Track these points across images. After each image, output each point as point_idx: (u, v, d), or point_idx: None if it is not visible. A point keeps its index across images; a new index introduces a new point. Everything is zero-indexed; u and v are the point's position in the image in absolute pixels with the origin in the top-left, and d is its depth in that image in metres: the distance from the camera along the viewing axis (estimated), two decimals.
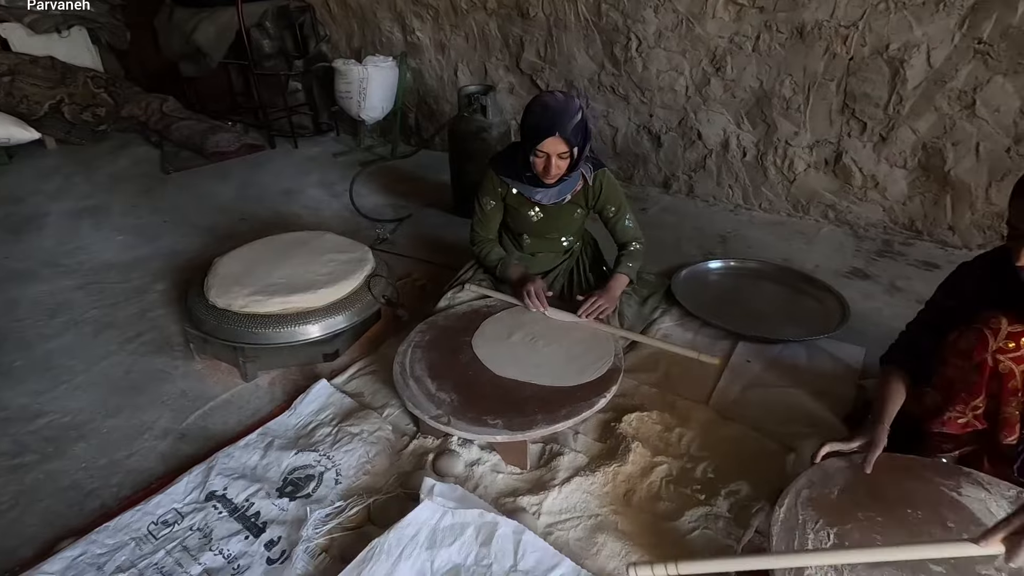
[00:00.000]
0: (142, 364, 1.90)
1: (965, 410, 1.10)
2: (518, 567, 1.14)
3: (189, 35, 3.87)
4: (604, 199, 1.79)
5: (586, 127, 1.61)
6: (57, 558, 1.21)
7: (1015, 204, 1.01)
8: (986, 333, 1.07)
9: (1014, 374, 1.04)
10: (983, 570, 0.94)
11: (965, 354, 1.09)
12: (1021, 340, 1.04)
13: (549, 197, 1.74)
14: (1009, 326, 1.05)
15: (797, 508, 1.06)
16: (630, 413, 1.53)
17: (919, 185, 2.43)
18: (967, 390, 1.09)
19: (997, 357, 1.05)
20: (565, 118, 1.53)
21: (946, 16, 2.13)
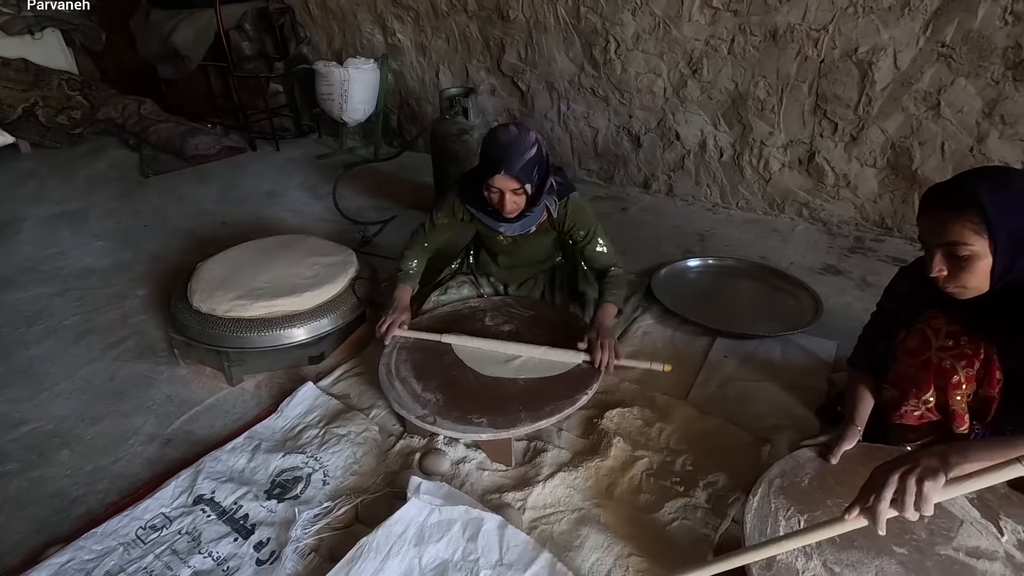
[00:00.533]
0: (125, 370, 1.90)
1: (918, 404, 1.16)
2: (503, 561, 1.18)
3: (167, 37, 3.83)
4: (572, 224, 1.73)
5: (542, 162, 1.56)
6: (44, 565, 1.21)
7: (920, 220, 1.05)
8: (928, 333, 1.13)
9: (955, 370, 1.10)
10: (941, 549, 1.00)
11: (912, 353, 1.16)
12: (959, 338, 1.10)
13: (513, 230, 1.68)
14: (947, 325, 1.12)
15: (770, 497, 1.11)
16: (612, 409, 1.57)
17: (888, 183, 2.51)
18: (917, 386, 1.15)
19: (939, 355, 1.11)
20: (515, 155, 1.49)
21: (911, 20, 2.20)
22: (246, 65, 3.95)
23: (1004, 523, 1.04)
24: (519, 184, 1.51)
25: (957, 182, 1.00)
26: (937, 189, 1.03)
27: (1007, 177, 0.98)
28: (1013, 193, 0.95)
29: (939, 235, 1.00)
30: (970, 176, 1.00)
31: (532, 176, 1.53)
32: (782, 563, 0.99)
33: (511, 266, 1.97)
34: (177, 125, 4.31)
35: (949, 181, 1.02)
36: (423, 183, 3.41)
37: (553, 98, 3.25)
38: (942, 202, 1.00)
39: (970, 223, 0.96)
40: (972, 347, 1.08)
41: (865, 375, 1.31)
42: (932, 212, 1.02)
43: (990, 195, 0.95)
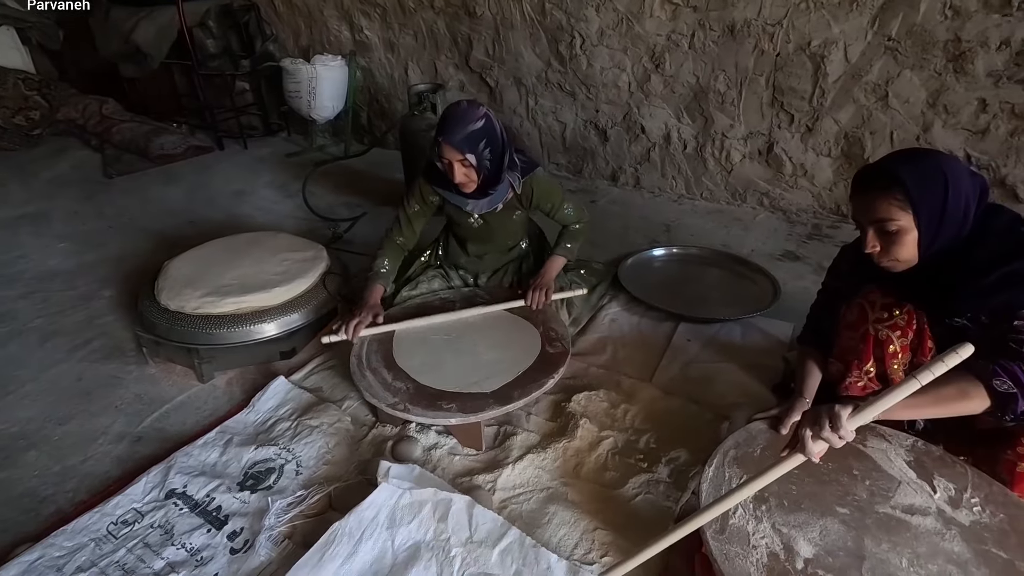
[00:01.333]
0: (93, 371, 1.88)
1: (860, 375, 1.24)
2: (473, 539, 1.21)
3: (128, 35, 3.76)
4: (537, 201, 1.80)
5: (492, 138, 1.59)
6: (14, 563, 1.21)
7: (852, 201, 1.13)
8: (865, 306, 1.21)
9: (891, 340, 1.18)
10: (880, 507, 1.07)
11: (852, 326, 1.24)
12: (893, 310, 1.18)
13: (480, 208, 1.74)
14: (882, 298, 1.20)
15: (724, 467, 1.16)
16: (579, 393, 1.62)
17: (843, 172, 2.62)
18: (858, 357, 1.23)
19: (876, 326, 1.19)
20: (458, 126, 1.54)
21: (859, 15, 2.30)
22: (211, 63, 3.90)
23: (937, 482, 1.11)
24: (462, 154, 1.56)
25: (880, 164, 1.09)
26: (864, 171, 1.11)
27: (924, 157, 1.07)
28: (930, 170, 1.04)
29: (869, 213, 1.08)
30: (892, 158, 1.09)
31: (477, 148, 1.57)
32: (734, 526, 1.05)
33: (480, 254, 2.00)
34: (141, 125, 4.23)
35: (874, 164, 1.11)
36: (393, 179, 3.42)
37: (521, 93, 3.29)
38: (869, 183, 1.09)
39: (895, 200, 1.04)
40: (905, 318, 1.17)
41: (813, 351, 1.38)
42: (861, 193, 1.10)
43: (910, 173, 1.03)
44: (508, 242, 1.99)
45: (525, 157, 1.80)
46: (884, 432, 1.23)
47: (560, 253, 1.90)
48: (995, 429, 1.15)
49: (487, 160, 1.61)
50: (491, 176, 1.66)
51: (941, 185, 1.03)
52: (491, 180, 1.67)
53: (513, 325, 1.73)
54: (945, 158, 1.08)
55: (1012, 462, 1.11)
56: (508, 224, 1.88)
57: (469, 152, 1.57)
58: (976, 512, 1.06)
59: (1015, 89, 2.16)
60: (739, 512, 1.07)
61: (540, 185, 1.79)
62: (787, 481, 1.13)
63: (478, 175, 1.63)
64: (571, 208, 1.88)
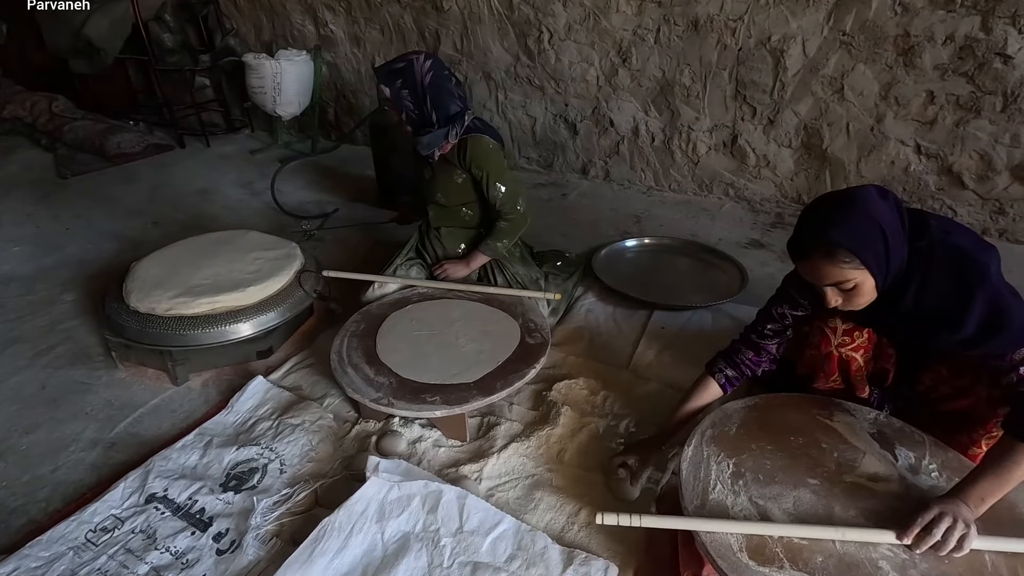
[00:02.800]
0: (58, 377, 1.82)
1: (826, 381, 1.33)
2: (464, 528, 1.24)
3: (79, 29, 3.60)
4: (471, 161, 1.83)
5: (408, 79, 1.74)
6: None
7: (800, 268, 1.11)
8: (827, 331, 1.27)
9: (855, 359, 1.27)
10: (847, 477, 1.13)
11: (815, 347, 1.30)
12: (854, 334, 1.25)
13: (423, 147, 1.83)
14: (844, 324, 1.26)
15: (702, 446, 1.21)
16: (559, 382, 1.66)
17: (803, 162, 2.72)
18: (824, 371, 1.31)
19: (839, 350, 1.27)
20: (383, 67, 1.78)
21: (815, 11, 2.39)
22: (169, 58, 3.78)
23: (899, 451, 1.19)
24: (381, 84, 1.78)
25: (813, 230, 1.06)
26: (799, 241, 1.09)
27: (848, 209, 1.04)
28: (861, 222, 1.02)
29: (822, 279, 1.07)
30: (820, 222, 1.05)
31: (394, 84, 1.76)
32: (714, 501, 1.09)
33: (439, 225, 2.04)
34: (95, 123, 4.07)
35: (806, 230, 1.07)
36: (363, 175, 3.39)
37: (491, 88, 3.30)
38: (809, 254, 1.06)
39: (843, 263, 1.03)
40: (865, 339, 1.25)
41: (710, 384, 1.37)
42: (806, 262, 1.08)
43: (845, 234, 1.01)
44: (461, 214, 2.00)
45: (482, 123, 1.90)
46: (850, 407, 1.30)
47: (482, 249, 1.93)
48: (951, 412, 1.23)
49: (407, 101, 1.78)
50: (417, 118, 1.80)
51: (877, 232, 1.03)
52: (419, 121, 1.81)
53: (492, 317, 1.76)
54: (863, 199, 1.05)
55: (965, 445, 1.19)
56: (450, 184, 1.92)
57: (384, 84, 1.77)
58: (934, 477, 1.13)
59: (959, 81, 2.28)
60: (718, 488, 1.12)
61: (476, 146, 1.83)
62: (762, 456, 1.18)
63: (400, 112, 1.82)
64: (504, 191, 1.86)
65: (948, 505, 0.99)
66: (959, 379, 1.18)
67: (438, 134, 1.80)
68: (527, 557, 1.19)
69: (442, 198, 1.97)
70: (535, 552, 1.19)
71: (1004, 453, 0.99)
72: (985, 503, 0.99)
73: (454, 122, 1.80)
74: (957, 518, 0.97)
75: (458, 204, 1.99)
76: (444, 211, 2.01)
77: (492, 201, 1.90)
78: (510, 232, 1.93)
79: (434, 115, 1.78)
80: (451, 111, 1.79)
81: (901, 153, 2.50)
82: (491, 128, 1.92)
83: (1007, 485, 0.98)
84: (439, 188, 1.96)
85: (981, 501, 0.99)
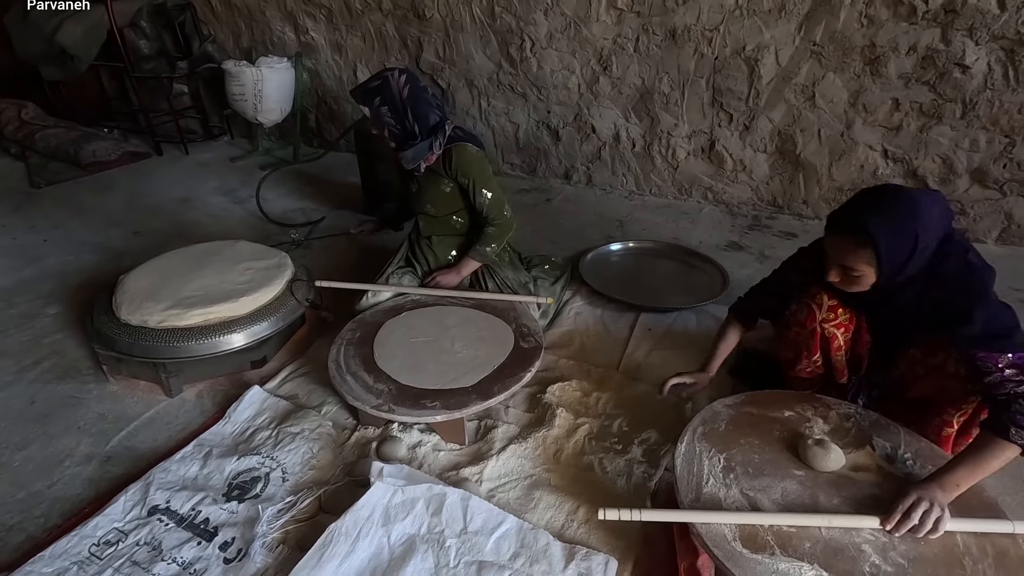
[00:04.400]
0: (47, 392, 1.80)
1: (808, 363, 1.41)
2: (468, 529, 1.27)
3: (51, 35, 3.53)
4: (457, 170, 1.88)
5: (386, 96, 1.75)
6: None
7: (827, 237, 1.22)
8: (814, 307, 1.35)
9: (836, 337, 1.35)
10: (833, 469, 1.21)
11: (801, 323, 1.38)
12: (838, 311, 1.34)
13: (407, 161, 1.85)
14: (829, 300, 1.34)
15: (694, 442, 1.28)
16: (553, 384, 1.71)
17: (778, 167, 2.83)
18: (807, 349, 1.39)
19: (823, 326, 1.35)
20: (359, 87, 1.80)
21: (787, 22, 2.50)
22: (145, 65, 3.73)
23: (876, 442, 1.26)
24: (359, 103, 1.80)
25: (857, 215, 1.13)
26: (841, 217, 1.17)
27: (899, 209, 1.11)
28: (903, 229, 1.10)
29: (838, 256, 1.19)
30: (869, 208, 1.13)
31: (372, 103, 1.77)
32: (707, 494, 1.15)
33: (430, 234, 2.07)
34: (68, 130, 3.99)
35: (852, 211, 1.15)
36: (347, 183, 3.40)
37: (473, 95, 3.34)
38: (844, 232, 1.16)
39: (864, 255, 1.14)
40: (848, 317, 1.34)
41: (738, 325, 1.57)
42: (836, 237, 1.19)
43: (884, 233, 1.10)
44: (451, 222, 2.04)
45: (464, 132, 1.94)
46: (829, 402, 1.38)
47: (472, 255, 1.97)
48: (922, 398, 1.32)
49: (388, 118, 1.79)
50: (400, 133, 1.81)
51: (910, 245, 1.10)
52: (402, 136, 1.82)
53: (486, 323, 1.80)
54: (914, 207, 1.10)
55: (939, 427, 1.28)
56: (438, 194, 1.96)
57: (363, 104, 1.79)
58: (909, 465, 1.21)
59: (922, 90, 2.41)
60: (711, 481, 1.18)
61: (462, 155, 1.87)
62: (750, 451, 1.25)
63: (382, 129, 1.82)
64: (490, 197, 1.91)
65: (925, 491, 1.06)
66: (932, 358, 1.27)
67: (422, 147, 1.82)
68: (530, 554, 1.23)
69: (431, 208, 2.01)
70: (538, 549, 1.24)
71: (982, 446, 1.08)
72: (959, 489, 1.07)
73: (436, 133, 1.83)
74: (933, 502, 1.04)
75: (448, 213, 2.02)
76: (434, 220, 2.05)
77: (479, 208, 1.94)
78: (498, 237, 1.97)
79: (416, 127, 1.80)
80: (432, 121, 1.82)
81: (869, 157, 2.62)
82: (472, 135, 1.97)
83: (981, 474, 1.07)
84: (427, 199, 1.99)
85: (956, 487, 1.07)
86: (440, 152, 1.88)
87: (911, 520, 1.04)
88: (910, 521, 1.04)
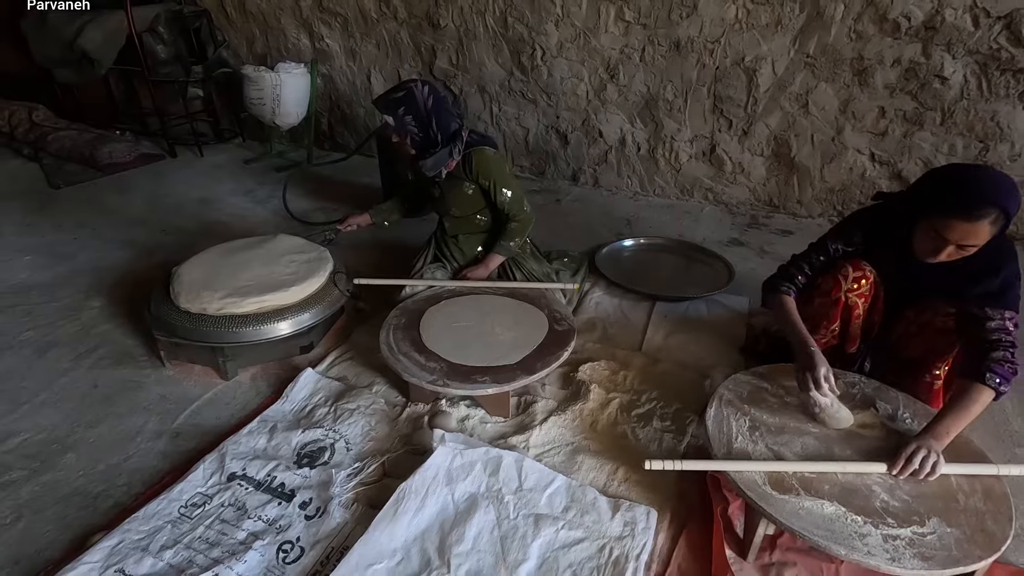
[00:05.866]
0: (107, 377, 1.91)
1: (826, 333, 1.58)
2: (523, 487, 1.42)
3: (72, 40, 3.61)
4: (478, 172, 2.01)
5: (411, 106, 1.85)
6: (95, 549, 1.28)
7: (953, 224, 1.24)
8: (839, 278, 1.53)
9: (857, 305, 1.53)
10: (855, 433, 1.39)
11: (827, 293, 1.55)
12: (860, 281, 1.51)
13: (427, 168, 1.97)
14: (855, 272, 1.51)
15: (722, 407, 1.44)
16: (583, 364, 1.87)
17: (774, 169, 3.04)
18: (827, 318, 1.56)
19: (848, 295, 1.52)
20: (385, 94, 1.91)
21: (783, 35, 2.71)
22: (162, 69, 3.82)
23: (879, 404, 1.45)
24: (384, 115, 1.89)
25: (988, 199, 1.20)
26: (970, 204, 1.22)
27: (1011, 184, 1.23)
28: (1019, 199, 1.22)
29: (968, 238, 1.24)
30: (995, 191, 1.21)
31: (396, 113, 1.86)
32: (738, 449, 1.32)
33: (455, 233, 2.21)
34: (81, 133, 4.06)
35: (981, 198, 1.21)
36: (365, 183, 3.54)
37: (485, 100, 3.50)
38: (980, 214, 1.21)
39: (993, 229, 1.23)
40: (869, 287, 1.51)
41: (790, 299, 1.57)
42: (968, 221, 1.22)
43: (1014, 207, 1.21)
44: (475, 220, 2.18)
45: (478, 135, 2.07)
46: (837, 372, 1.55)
47: (497, 250, 2.11)
48: (913, 359, 1.51)
49: (412, 127, 1.89)
50: (422, 141, 1.92)
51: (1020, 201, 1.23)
52: (424, 144, 1.92)
53: (521, 309, 1.95)
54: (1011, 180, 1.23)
55: (929, 384, 1.47)
56: (462, 197, 2.09)
57: (387, 114, 1.88)
58: (907, 423, 1.40)
59: (905, 99, 2.63)
60: (739, 439, 1.35)
61: (480, 158, 2.01)
62: (771, 413, 1.43)
63: (404, 137, 1.91)
64: (510, 195, 2.04)
65: (923, 441, 1.25)
66: (921, 315, 1.48)
67: (442, 155, 1.95)
68: (580, 507, 1.39)
69: (456, 210, 2.15)
70: (587, 503, 1.40)
71: (962, 395, 1.27)
72: (950, 436, 1.25)
73: (455, 140, 1.96)
74: (931, 450, 1.23)
75: (472, 212, 2.17)
76: (459, 221, 2.19)
77: (500, 206, 2.09)
78: (520, 231, 2.13)
79: (439, 136, 1.93)
80: (452, 128, 1.95)
81: (858, 161, 2.84)
82: (487, 137, 2.11)
83: (966, 419, 1.26)
84: (452, 202, 2.12)
85: (947, 434, 1.25)
86: (460, 158, 2.00)
87: (913, 465, 1.22)
88: (912, 466, 1.22)
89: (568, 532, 1.33)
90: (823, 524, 1.15)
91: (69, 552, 1.32)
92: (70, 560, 1.27)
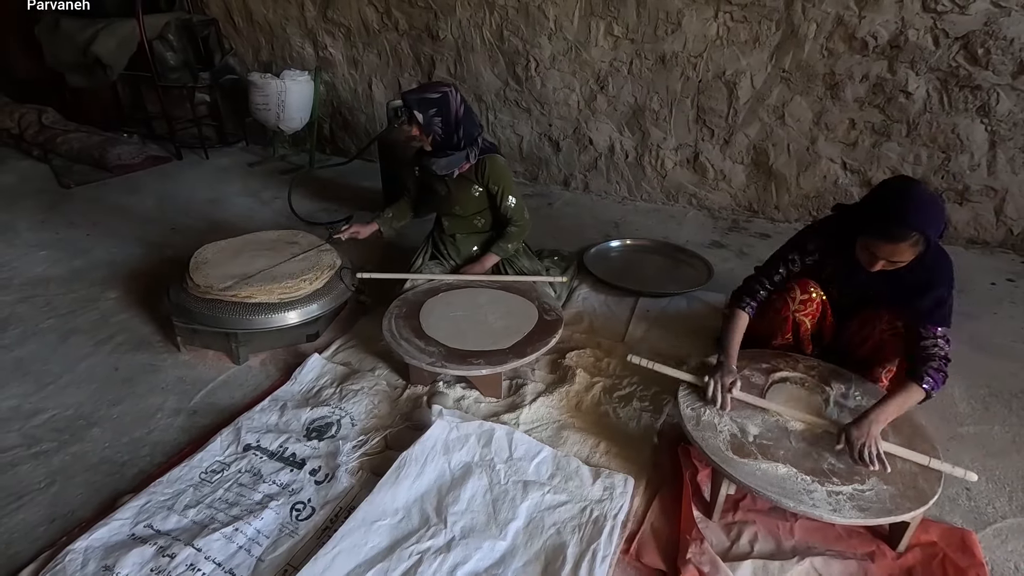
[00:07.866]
0: (127, 360, 2.05)
1: (781, 339, 1.75)
2: (513, 457, 1.57)
3: (86, 46, 3.76)
4: (489, 178, 2.16)
5: (445, 111, 2.00)
6: (125, 508, 1.42)
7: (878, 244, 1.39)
8: (787, 299, 1.68)
9: (804, 322, 1.70)
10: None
11: (777, 311, 1.71)
12: (807, 304, 1.67)
13: (440, 167, 2.11)
14: (801, 295, 1.67)
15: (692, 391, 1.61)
16: (570, 351, 2.02)
17: (753, 177, 3.22)
18: (781, 331, 1.73)
19: (795, 314, 1.69)
20: (418, 91, 2.04)
21: (761, 51, 2.90)
22: (171, 75, 3.98)
23: (832, 384, 1.61)
24: (412, 111, 2.00)
25: (908, 222, 1.34)
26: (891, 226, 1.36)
27: (932, 203, 1.37)
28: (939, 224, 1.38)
29: (893, 256, 1.40)
30: (916, 215, 1.34)
31: (427, 113, 1.99)
32: (705, 421, 1.48)
33: (454, 232, 2.36)
34: (91, 135, 4.20)
35: (902, 219, 1.35)
36: (363, 187, 3.69)
37: (481, 109, 3.67)
38: (901, 238, 1.36)
39: (915, 250, 1.38)
40: (815, 307, 1.68)
41: (743, 316, 1.69)
42: (890, 242, 1.38)
43: (933, 232, 1.35)
44: (474, 221, 2.33)
45: (490, 143, 2.23)
46: (798, 357, 1.72)
47: (494, 251, 2.27)
48: (864, 358, 1.68)
49: (437, 127, 2.03)
50: (443, 142, 2.06)
51: (940, 226, 1.38)
52: (444, 145, 2.07)
53: (513, 300, 2.11)
54: (941, 201, 1.42)
55: (873, 379, 1.64)
56: (468, 198, 2.24)
57: (418, 111, 2.00)
58: (857, 399, 1.56)
59: (874, 112, 2.83)
60: (707, 412, 1.51)
61: (494, 165, 2.17)
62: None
63: (427, 136, 2.05)
64: (514, 202, 2.21)
65: (860, 429, 1.38)
66: (863, 330, 1.67)
67: (458, 156, 2.11)
68: (564, 474, 1.54)
69: (459, 209, 2.30)
70: (570, 471, 1.55)
71: (900, 390, 1.44)
72: (887, 421, 1.41)
73: (473, 145, 2.13)
74: (869, 437, 1.37)
75: (473, 213, 2.33)
76: (459, 220, 2.34)
77: (503, 211, 2.24)
78: (517, 236, 2.29)
79: (462, 141, 2.09)
80: (474, 135, 2.13)
81: (831, 169, 3.03)
82: (494, 144, 2.28)
83: (900, 410, 1.43)
84: (457, 201, 2.27)
85: (885, 420, 1.41)
86: (475, 161, 2.17)
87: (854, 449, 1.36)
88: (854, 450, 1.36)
89: (553, 496, 1.48)
90: (776, 483, 1.30)
91: (99, 512, 1.46)
92: (102, 518, 1.41)
